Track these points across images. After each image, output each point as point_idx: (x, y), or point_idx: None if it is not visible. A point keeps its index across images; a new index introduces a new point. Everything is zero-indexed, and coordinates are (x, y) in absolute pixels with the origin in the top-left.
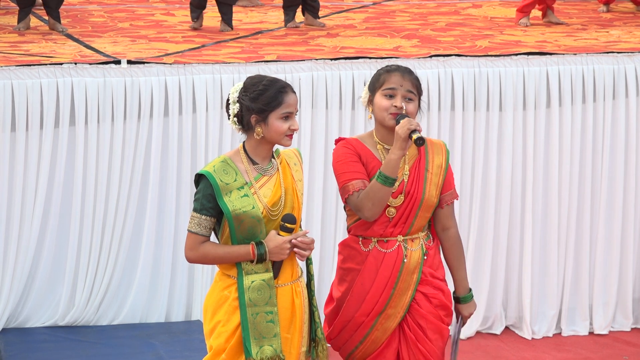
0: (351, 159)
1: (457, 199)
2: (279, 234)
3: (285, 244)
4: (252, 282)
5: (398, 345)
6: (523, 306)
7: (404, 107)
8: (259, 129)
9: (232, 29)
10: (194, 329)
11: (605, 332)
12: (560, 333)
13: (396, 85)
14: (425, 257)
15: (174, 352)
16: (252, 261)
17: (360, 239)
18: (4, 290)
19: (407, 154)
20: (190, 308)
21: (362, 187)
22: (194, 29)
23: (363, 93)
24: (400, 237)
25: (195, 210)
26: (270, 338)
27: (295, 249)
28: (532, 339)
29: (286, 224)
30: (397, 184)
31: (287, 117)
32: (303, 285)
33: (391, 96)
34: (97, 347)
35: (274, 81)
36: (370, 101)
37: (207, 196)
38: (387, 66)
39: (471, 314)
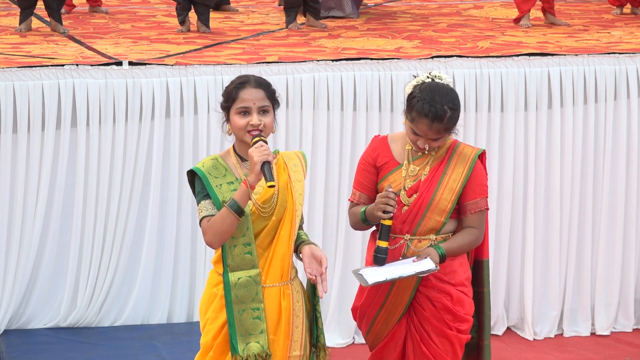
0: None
1: (482, 209)
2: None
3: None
4: (239, 279)
5: (404, 342)
6: (525, 307)
7: None
8: (228, 126)
9: (209, 29)
10: (196, 330)
11: (607, 333)
12: (562, 334)
13: None
14: None
15: (175, 353)
16: (237, 212)
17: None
18: (6, 291)
19: (433, 155)
20: (192, 309)
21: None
22: (181, 32)
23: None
24: (407, 236)
25: (198, 202)
26: (256, 334)
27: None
28: (534, 339)
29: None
30: (413, 182)
31: (245, 112)
32: (294, 288)
33: None
34: (99, 349)
35: (240, 77)
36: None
37: (203, 188)
38: None
39: (428, 255)
